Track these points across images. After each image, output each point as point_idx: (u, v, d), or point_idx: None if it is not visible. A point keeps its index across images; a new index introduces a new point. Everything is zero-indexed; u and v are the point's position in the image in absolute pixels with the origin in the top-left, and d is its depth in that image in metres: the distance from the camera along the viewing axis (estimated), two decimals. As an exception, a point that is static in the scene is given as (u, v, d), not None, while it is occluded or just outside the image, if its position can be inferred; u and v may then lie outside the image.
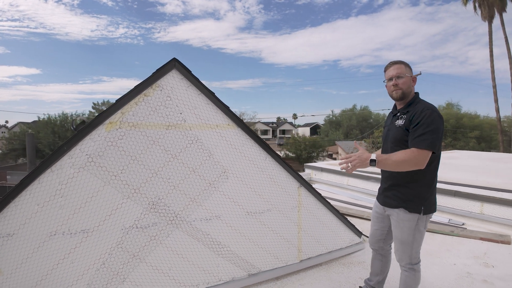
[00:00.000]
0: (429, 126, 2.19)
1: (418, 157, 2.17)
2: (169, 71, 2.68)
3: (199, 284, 2.92)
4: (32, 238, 2.33)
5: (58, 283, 2.42)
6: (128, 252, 2.63)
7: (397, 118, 2.44)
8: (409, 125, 2.28)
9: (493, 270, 3.65)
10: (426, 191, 2.35)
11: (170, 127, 2.71)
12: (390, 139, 2.45)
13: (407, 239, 2.40)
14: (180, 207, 2.79)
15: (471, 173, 8.14)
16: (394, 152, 2.29)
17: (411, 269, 2.49)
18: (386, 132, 2.57)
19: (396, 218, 2.44)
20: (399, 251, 2.50)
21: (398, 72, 2.39)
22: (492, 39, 27.59)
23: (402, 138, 2.33)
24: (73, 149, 2.40)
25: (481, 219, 5.43)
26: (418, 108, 2.30)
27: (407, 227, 2.38)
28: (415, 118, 2.25)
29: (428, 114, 2.22)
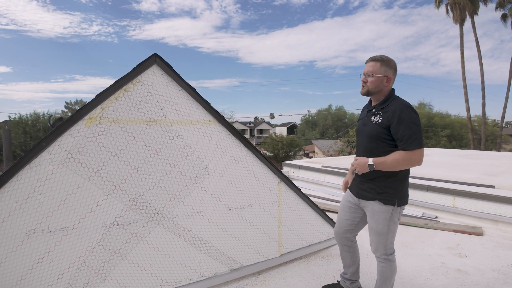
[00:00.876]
0: (413, 126, 2.27)
1: (414, 157, 2.27)
2: (150, 66, 2.66)
3: (181, 280, 2.91)
4: (10, 237, 2.27)
5: (38, 283, 2.37)
6: (109, 249, 2.60)
7: (372, 114, 2.48)
8: (387, 124, 2.33)
9: (467, 260, 3.80)
10: (400, 184, 2.44)
11: (150, 123, 2.70)
12: (366, 135, 2.49)
13: (382, 230, 2.47)
14: (161, 203, 2.78)
15: (443, 169, 8.40)
16: (370, 147, 2.44)
17: (386, 259, 2.56)
18: (361, 126, 2.59)
19: (371, 210, 2.50)
20: (375, 242, 2.56)
21: (369, 70, 2.44)
22: (463, 42, 28.59)
23: (379, 135, 2.38)
24: (52, 145, 2.35)
25: (454, 212, 5.62)
26: (395, 107, 2.33)
27: (382, 218, 2.44)
28: (395, 119, 2.29)
29: (408, 114, 2.28)
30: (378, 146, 2.39)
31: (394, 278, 2.64)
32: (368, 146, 2.47)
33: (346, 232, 2.80)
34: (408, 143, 2.25)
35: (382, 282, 2.62)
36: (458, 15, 28.06)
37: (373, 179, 2.47)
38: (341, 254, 2.94)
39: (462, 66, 28.68)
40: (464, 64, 28.64)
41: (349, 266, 2.91)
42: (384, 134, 2.35)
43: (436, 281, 3.31)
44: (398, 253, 3.94)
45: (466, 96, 28.45)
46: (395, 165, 2.31)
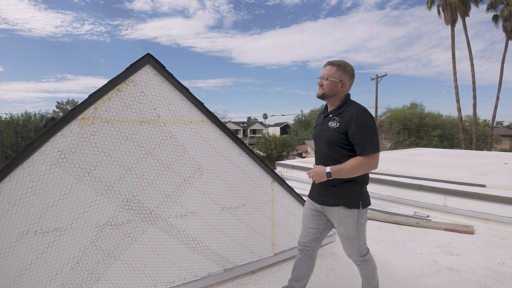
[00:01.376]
0: (370, 131, 2.29)
1: (370, 161, 2.29)
2: (143, 66, 2.66)
3: (175, 280, 2.92)
4: (3, 238, 2.25)
5: (31, 284, 2.35)
6: (102, 250, 2.59)
7: (329, 119, 2.46)
8: (344, 129, 2.32)
9: (458, 258, 3.84)
10: (362, 187, 2.45)
11: (144, 123, 2.70)
12: (324, 140, 2.46)
13: (353, 234, 2.45)
14: (154, 203, 2.78)
15: (434, 168, 8.49)
16: (328, 153, 2.42)
17: (363, 261, 2.56)
18: (319, 132, 2.56)
19: (337, 216, 2.46)
20: (348, 247, 2.54)
21: (325, 74, 2.45)
22: (455, 42, 28.83)
23: (337, 141, 2.36)
24: (44, 145, 2.34)
25: (445, 211, 5.68)
26: (352, 111, 2.34)
27: (350, 222, 2.42)
28: (352, 123, 2.29)
29: (365, 119, 2.30)
30: (336, 151, 2.38)
31: (376, 273, 2.65)
32: (326, 151, 2.44)
33: (312, 241, 2.70)
34: (365, 148, 2.26)
35: (368, 283, 2.64)
36: (450, 16, 28.30)
37: (334, 185, 2.44)
38: (297, 265, 2.76)
39: (453, 67, 28.94)
40: (456, 65, 28.92)
41: (301, 279, 2.74)
42: (342, 139, 2.34)
43: (428, 279, 3.34)
44: (390, 252, 3.99)
45: (458, 96, 28.73)
46: (353, 171, 2.31)
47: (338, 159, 2.37)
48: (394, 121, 32.94)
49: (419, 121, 33.78)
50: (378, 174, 7.34)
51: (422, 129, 33.08)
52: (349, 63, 2.48)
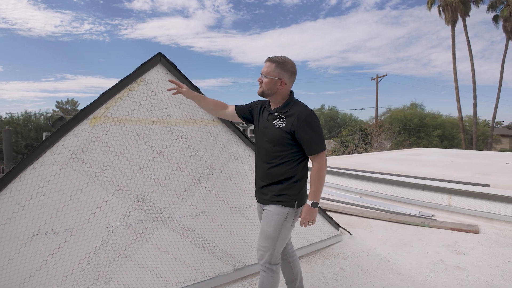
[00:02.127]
0: (318, 130, 2.29)
1: (323, 159, 2.31)
2: (154, 65, 2.65)
3: (186, 280, 2.90)
4: (13, 239, 2.23)
5: (41, 286, 2.33)
6: (113, 250, 2.58)
7: (274, 117, 2.36)
8: (291, 128, 2.26)
9: (465, 257, 3.85)
10: (299, 186, 2.38)
11: (155, 123, 2.69)
12: (269, 139, 2.37)
13: (273, 234, 2.34)
14: (166, 203, 2.77)
15: (437, 168, 8.50)
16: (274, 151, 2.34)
17: (269, 269, 2.40)
18: (262, 129, 2.44)
19: (267, 211, 2.39)
20: (262, 248, 2.42)
21: (264, 71, 2.34)
22: (455, 43, 28.85)
23: (283, 140, 2.30)
24: (55, 145, 2.33)
25: (450, 211, 5.68)
26: (299, 111, 2.29)
27: (275, 221, 2.33)
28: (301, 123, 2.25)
29: (312, 120, 2.27)
30: (282, 150, 2.32)
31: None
32: (271, 150, 2.36)
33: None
34: (316, 146, 2.27)
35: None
36: (450, 16, 28.35)
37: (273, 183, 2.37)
38: (282, 269, 2.69)
39: (453, 67, 29.00)
40: (456, 65, 28.97)
41: (292, 280, 2.70)
42: (287, 138, 2.29)
43: (436, 278, 3.34)
44: (397, 251, 3.99)
45: (458, 96, 28.77)
46: (319, 180, 2.31)
47: (284, 157, 2.33)
48: (394, 121, 32.91)
49: (419, 121, 33.77)
50: (382, 174, 7.34)
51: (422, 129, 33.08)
52: (289, 60, 2.36)
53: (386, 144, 23.47)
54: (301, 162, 2.37)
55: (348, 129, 26.32)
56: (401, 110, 37.46)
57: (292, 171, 2.33)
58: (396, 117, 34.50)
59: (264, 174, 2.41)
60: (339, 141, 24.80)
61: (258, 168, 2.51)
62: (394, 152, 14.26)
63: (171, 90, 2.65)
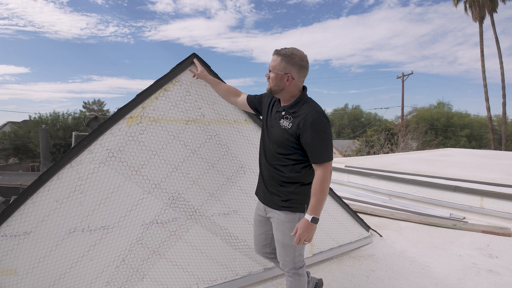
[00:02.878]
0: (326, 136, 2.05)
1: (328, 169, 2.06)
2: (189, 66, 2.68)
3: (217, 279, 2.92)
4: (50, 236, 2.30)
5: (76, 282, 2.40)
6: (148, 248, 2.62)
7: (282, 116, 2.16)
8: (296, 131, 2.06)
9: (497, 261, 3.73)
10: (308, 189, 2.15)
11: (189, 122, 2.72)
12: (273, 139, 2.20)
13: (289, 242, 2.21)
14: (199, 202, 2.80)
15: (467, 169, 8.28)
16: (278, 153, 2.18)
17: (296, 274, 2.32)
18: (268, 127, 2.27)
19: (277, 221, 2.24)
20: (282, 257, 2.31)
21: (270, 65, 2.13)
22: (483, 39, 28.02)
23: (287, 142, 2.12)
24: (93, 144, 2.38)
25: (481, 213, 5.51)
26: (307, 113, 2.05)
27: (288, 229, 2.18)
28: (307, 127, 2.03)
29: (319, 124, 2.03)
30: (286, 152, 2.14)
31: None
32: (273, 150, 2.20)
33: (264, 247, 2.52)
34: (321, 155, 2.04)
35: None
36: (478, 12, 27.56)
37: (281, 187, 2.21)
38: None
39: (482, 65, 28.16)
40: (484, 63, 28.12)
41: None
42: (292, 142, 2.10)
43: (469, 281, 3.26)
44: (428, 254, 3.90)
45: (486, 95, 27.93)
46: (323, 191, 2.05)
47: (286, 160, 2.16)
48: (421, 121, 32.23)
49: (446, 121, 32.98)
50: (412, 174, 7.20)
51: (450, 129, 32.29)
52: (298, 52, 2.10)
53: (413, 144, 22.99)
54: (307, 167, 2.16)
55: (373, 128, 25.92)
56: (427, 109, 36.70)
57: (298, 176, 2.16)
58: (422, 117, 33.80)
59: (269, 175, 2.27)
60: (364, 141, 24.49)
61: (262, 167, 2.35)
62: (422, 152, 13.96)
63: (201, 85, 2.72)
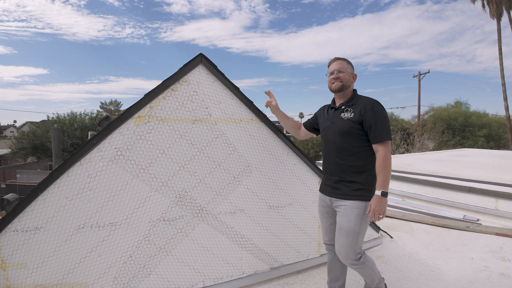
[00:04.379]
0: (385, 120, 2.38)
1: (387, 148, 2.35)
2: (196, 66, 2.71)
3: (223, 277, 2.95)
4: (60, 231, 2.36)
5: (85, 276, 2.46)
6: (155, 245, 2.66)
7: (342, 111, 2.52)
8: (359, 118, 2.39)
9: (510, 264, 3.66)
10: (373, 178, 2.44)
11: (196, 122, 2.75)
12: (337, 132, 2.50)
13: (354, 229, 2.41)
14: (205, 200, 2.83)
15: (483, 170, 8.11)
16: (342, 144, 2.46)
17: (361, 263, 2.48)
18: (330, 125, 2.59)
19: (344, 208, 2.45)
20: (344, 247, 2.45)
21: (340, 67, 2.53)
22: (501, 37, 27.34)
23: (351, 130, 2.42)
24: (102, 143, 2.44)
25: (496, 215, 5.41)
26: (365, 102, 2.44)
27: (355, 215, 2.40)
28: (368, 112, 2.37)
29: (379, 109, 2.40)
30: (350, 141, 2.43)
31: (376, 268, 2.61)
32: (339, 143, 2.48)
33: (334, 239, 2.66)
34: (382, 133, 2.34)
35: (371, 280, 2.61)
36: (495, 9, 26.88)
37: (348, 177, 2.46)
38: (330, 266, 2.82)
39: (500, 63, 27.44)
40: (502, 61, 27.44)
41: (337, 279, 2.79)
42: (356, 129, 2.41)
43: (479, 285, 3.20)
44: (439, 256, 3.85)
45: (505, 94, 27.21)
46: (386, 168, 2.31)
47: (352, 149, 2.44)
48: (438, 120, 31.60)
49: (464, 120, 32.26)
50: (425, 175, 7.10)
51: (467, 128, 31.61)
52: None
53: (429, 144, 22.60)
54: (372, 155, 2.44)
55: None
56: (444, 108, 35.92)
57: (364, 164, 2.44)
58: (439, 116, 33.13)
59: (336, 168, 2.52)
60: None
61: (328, 164, 2.62)
62: (438, 152, 13.74)
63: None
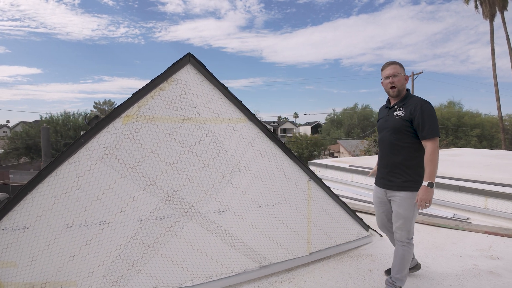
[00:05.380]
0: (433, 118, 2.64)
1: (435, 144, 2.61)
2: (184, 65, 2.73)
3: (212, 275, 2.96)
4: (49, 230, 2.37)
5: (74, 275, 2.46)
6: (143, 243, 2.67)
7: (394, 110, 2.81)
8: (410, 116, 2.67)
9: (499, 262, 3.70)
10: (421, 171, 2.70)
11: (185, 121, 2.76)
12: (389, 128, 2.81)
13: (408, 215, 2.76)
14: (194, 199, 2.84)
15: (474, 169, 8.17)
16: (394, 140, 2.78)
17: (408, 243, 2.84)
18: (384, 122, 2.91)
19: (399, 199, 2.78)
20: (400, 229, 2.83)
21: (394, 71, 2.77)
22: (494, 38, 27.53)
23: (402, 128, 2.72)
24: (90, 142, 2.45)
25: (486, 214, 5.45)
26: (416, 102, 2.70)
27: (408, 204, 2.74)
28: (418, 111, 2.64)
29: (428, 108, 2.65)
30: (401, 138, 2.73)
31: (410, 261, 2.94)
32: (391, 139, 2.80)
33: (388, 223, 3.10)
34: (429, 131, 2.60)
35: (403, 266, 2.86)
36: (488, 10, 27.03)
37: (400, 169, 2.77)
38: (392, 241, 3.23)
39: (493, 64, 27.61)
40: (495, 61, 27.63)
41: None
42: (407, 126, 2.69)
43: (467, 283, 3.23)
44: (429, 254, 3.88)
45: (497, 94, 27.40)
46: (432, 162, 2.58)
47: (403, 144, 2.74)
48: (431, 120, 31.75)
49: (457, 120, 32.48)
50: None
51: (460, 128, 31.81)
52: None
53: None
54: (420, 150, 2.71)
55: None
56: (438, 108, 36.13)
57: (413, 158, 2.73)
58: (433, 116, 33.28)
59: (389, 162, 2.85)
60: (373, 141, 24.29)
61: (382, 158, 2.95)
62: (429, 152, 13.77)
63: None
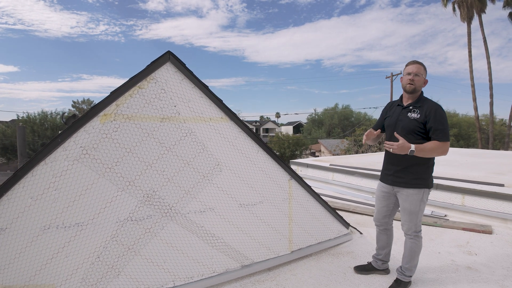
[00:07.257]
0: (445, 123, 2.76)
1: (444, 147, 2.73)
2: (164, 63, 2.69)
3: (194, 276, 2.94)
4: (26, 232, 2.30)
5: (52, 278, 2.40)
6: (123, 245, 2.63)
7: (409, 110, 2.89)
8: (424, 119, 2.78)
9: (477, 258, 3.78)
10: (430, 170, 2.89)
11: (164, 120, 2.73)
12: (401, 129, 2.88)
13: (415, 209, 2.90)
14: (174, 199, 2.81)
15: (451, 167, 8.36)
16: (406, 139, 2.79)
17: (416, 236, 2.99)
18: (395, 121, 2.97)
19: (406, 194, 2.93)
20: (407, 222, 2.97)
21: (417, 71, 2.85)
22: (471, 40, 28.26)
23: (416, 129, 2.81)
24: (67, 141, 2.39)
25: (463, 211, 5.58)
26: (431, 106, 2.80)
27: (415, 199, 2.88)
28: (432, 115, 2.75)
29: (442, 113, 2.78)
30: (412, 138, 2.80)
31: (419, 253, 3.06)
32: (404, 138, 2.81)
33: (385, 218, 3.22)
34: (441, 135, 2.72)
35: (412, 258, 3.02)
36: (466, 13, 27.76)
37: (409, 167, 2.89)
38: (378, 237, 3.36)
39: (469, 65, 28.39)
40: (472, 63, 28.36)
41: (384, 248, 3.32)
42: (420, 128, 2.80)
43: (446, 278, 3.30)
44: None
45: (474, 95, 28.19)
46: (430, 152, 2.72)
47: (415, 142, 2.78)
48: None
49: (434, 120, 33.19)
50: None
51: (438, 128, 32.48)
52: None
53: (401, 143, 23.06)
54: None
55: (362, 128, 26.03)
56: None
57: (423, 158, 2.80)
58: (411, 116, 33.92)
59: (399, 161, 2.93)
60: (353, 140, 24.58)
61: (391, 156, 2.99)
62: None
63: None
